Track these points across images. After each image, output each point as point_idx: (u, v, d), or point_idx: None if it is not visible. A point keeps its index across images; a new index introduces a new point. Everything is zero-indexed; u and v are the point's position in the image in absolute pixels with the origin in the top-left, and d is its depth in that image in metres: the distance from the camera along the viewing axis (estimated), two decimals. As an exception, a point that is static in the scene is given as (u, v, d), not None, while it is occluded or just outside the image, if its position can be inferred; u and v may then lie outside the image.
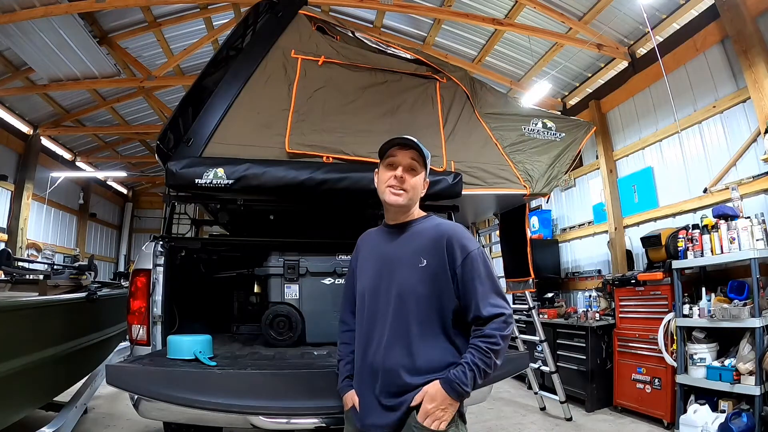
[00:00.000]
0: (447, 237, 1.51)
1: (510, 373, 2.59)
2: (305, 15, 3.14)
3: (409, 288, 1.50)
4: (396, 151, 1.60)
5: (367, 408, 1.52)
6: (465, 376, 1.39)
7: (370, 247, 1.70)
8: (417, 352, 1.46)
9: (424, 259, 1.51)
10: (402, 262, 1.54)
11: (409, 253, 1.54)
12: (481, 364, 1.40)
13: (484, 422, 4.34)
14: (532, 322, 4.86)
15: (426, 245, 1.53)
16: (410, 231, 1.61)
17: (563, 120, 3.69)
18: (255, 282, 3.45)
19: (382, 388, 1.48)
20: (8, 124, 7.83)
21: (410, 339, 1.47)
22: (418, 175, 1.61)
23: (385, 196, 1.59)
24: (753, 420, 3.24)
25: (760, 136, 4.04)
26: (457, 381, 1.39)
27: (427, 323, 1.48)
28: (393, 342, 1.48)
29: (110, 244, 12.48)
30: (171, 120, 2.74)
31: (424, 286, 1.49)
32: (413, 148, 1.59)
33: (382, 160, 1.65)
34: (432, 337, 1.48)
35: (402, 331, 1.48)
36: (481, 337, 1.43)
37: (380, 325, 1.52)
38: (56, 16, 5.17)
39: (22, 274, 4.37)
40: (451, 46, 6.79)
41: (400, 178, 1.56)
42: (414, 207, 1.64)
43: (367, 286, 1.60)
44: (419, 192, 1.63)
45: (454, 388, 1.39)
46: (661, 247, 4.35)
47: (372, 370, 1.51)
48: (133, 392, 2.00)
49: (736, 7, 4.20)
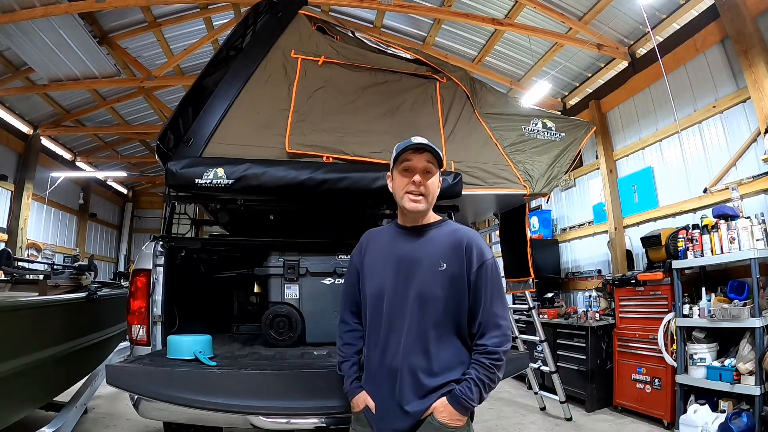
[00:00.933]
0: (467, 242, 1.55)
1: (510, 373, 2.59)
2: (305, 15, 3.15)
3: (429, 291, 1.52)
4: (411, 155, 1.59)
5: (385, 411, 1.53)
6: (471, 392, 1.45)
7: (382, 248, 1.67)
8: (434, 354, 1.50)
9: (444, 263, 1.53)
10: (422, 265, 1.55)
11: (428, 257, 1.56)
12: (486, 380, 1.47)
13: (484, 422, 4.34)
14: (532, 322, 4.86)
15: (446, 250, 1.56)
16: (429, 234, 1.62)
17: (563, 120, 3.70)
18: (255, 282, 3.45)
19: (402, 390, 1.49)
20: (8, 124, 7.83)
21: (428, 342, 1.50)
22: (434, 176, 1.62)
23: (404, 203, 1.59)
24: (753, 420, 3.24)
25: (760, 136, 4.04)
26: (464, 397, 1.45)
27: (443, 326, 1.52)
28: (412, 344, 1.50)
29: (110, 244, 12.48)
30: (171, 120, 2.74)
31: (443, 289, 1.52)
32: (428, 151, 1.59)
33: (396, 164, 1.63)
34: (447, 339, 1.53)
35: (420, 333, 1.51)
36: (484, 353, 1.49)
37: (398, 327, 1.53)
38: (56, 16, 5.17)
39: (22, 274, 4.37)
40: (451, 46, 6.79)
41: (418, 183, 1.56)
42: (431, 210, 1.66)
43: (385, 287, 1.58)
44: (436, 194, 1.64)
45: (461, 404, 1.45)
46: (661, 247, 4.35)
47: (390, 372, 1.51)
48: (133, 392, 2.00)
49: (736, 7, 4.20)
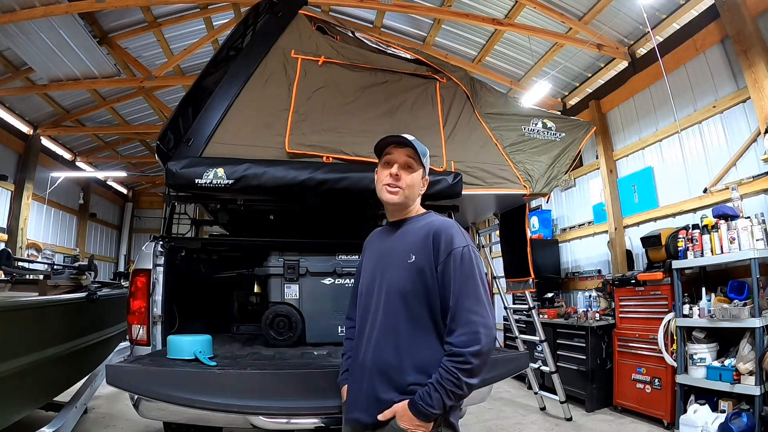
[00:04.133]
0: (435, 231, 1.48)
1: (510, 373, 2.59)
2: (305, 15, 3.14)
3: (397, 285, 1.48)
4: (392, 150, 1.61)
5: (353, 402, 1.53)
6: (430, 398, 1.33)
7: (373, 246, 1.71)
8: (405, 351, 1.43)
9: (413, 255, 1.48)
10: (393, 259, 1.54)
11: (400, 250, 1.53)
12: (447, 385, 1.33)
13: (484, 422, 4.34)
14: (532, 322, 4.86)
15: (416, 241, 1.50)
16: (405, 228, 1.60)
17: (563, 120, 3.69)
18: (255, 282, 3.45)
19: (369, 385, 1.46)
20: (8, 124, 7.83)
21: (399, 337, 1.44)
22: (415, 172, 1.60)
23: (381, 194, 1.60)
24: (753, 420, 3.24)
25: (760, 136, 4.04)
26: (421, 403, 1.34)
27: (417, 321, 1.45)
28: (381, 340, 1.47)
29: (110, 244, 12.48)
30: (171, 120, 2.74)
31: (411, 282, 1.46)
32: (408, 146, 1.59)
33: (379, 159, 1.66)
34: (423, 335, 1.45)
35: (390, 329, 1.46)
36: (448, 355, 1.36)
37: (370, 322, 1.52)
38: (56, 16, 5.17)
39: (22, 274, 4.37)
40: (451, 46, 6.79)
41: (395, 175, 1.56)
42: (413, 205, 1.63)
43: (363, 284, 1.62)
44: (417, 190, 1.62)
45: (419, 410, 1.34)
46: (661, 247, 4.35)
47: (361, 367, 1.51)
48: (133, 392, 2.00)
49: (736, 7, 4.20)
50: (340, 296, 2.78)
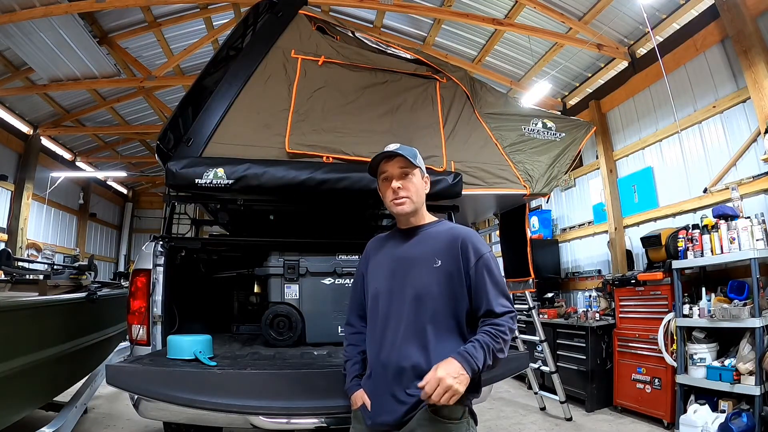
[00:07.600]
0: (462, 239, 1.57)
1: (510, 373, 2.59)
2: (305, 15, 3.14)
3: (425, 288, 1.53)
4: (384, 166, 1.67)
5: (379, 407, 1.53)
6: (476, 350, 1.41)
7: (383, 251, 1.72)
8: (432, 351, 1.48)
9: (438, 260, 1.55)
10: (417, 263, 1.58)
11: (423, 255, 1.58)
12: (491, 344, 1.43)
13: (484, 422, 4.33)
14: (532, 322, 4.86)
15: (441, 247, 1.58)
16: (424, 233, 1.66)
17: (563, 120, 3.69)
18: (255, 282, 3.44)
19: (395, 385, 1.49)
20: (8, 124, 7.84)
21: (426, 339, 1.49)
22: (414, 177, 1.65)
23: (392, 209, 1.67)
24: (753, 420, 3.24)
25: (760, 136, 4.04)
26: (468, 353, 1.40)
27: (442, 323, 1.52)
28: (408, 341, 1.50)
29: (110, 244, 12.48)
30: (171, 120, 2.74)
31: (438, 286, 1.53)
32: (399, 156, 1.63)
33: (377, 176, 1.72)
34: (447, 336, 1.51)
35: (417, 330, 1.51)
36: (491, 324, 1.47)
37: (394, 324, 1.54)
38: (56, 16, 5.17)
39: (22, 274, 4.36)
40: (451, 46, 6.80)
41: (396, 189, 1.62)
42: (422, 209, 1.70)
43: (381, 287, 1.63)
44: (421, 192, 1.68)
45: (465, 359, 1.39)
46: (661, 247, 4.35)
47: (384, 368, 1.52)
48: (133, 392, 1.99)
49: (736, 7, 4.20)
50: (340, 296, 2.77)
